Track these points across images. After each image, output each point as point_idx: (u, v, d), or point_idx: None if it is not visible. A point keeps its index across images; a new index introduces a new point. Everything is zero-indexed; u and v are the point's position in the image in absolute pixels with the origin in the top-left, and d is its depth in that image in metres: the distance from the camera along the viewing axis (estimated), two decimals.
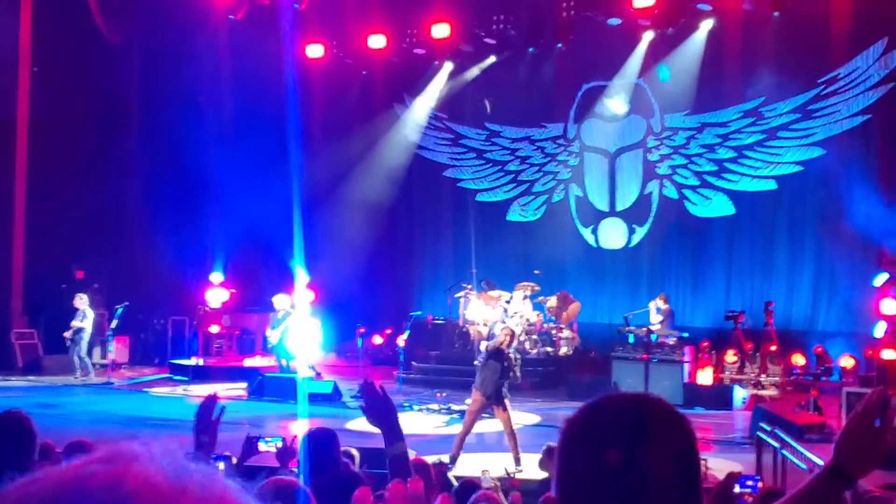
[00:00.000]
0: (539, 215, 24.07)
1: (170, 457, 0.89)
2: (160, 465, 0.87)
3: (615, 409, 1.53)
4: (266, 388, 17.88)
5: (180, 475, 0.87)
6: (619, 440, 1.46)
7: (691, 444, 1.52)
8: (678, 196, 22.24)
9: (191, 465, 0.89)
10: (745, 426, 14.22)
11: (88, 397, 17.90)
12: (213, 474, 0.90)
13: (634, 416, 1.50)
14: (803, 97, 20.40)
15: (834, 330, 19.45)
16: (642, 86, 22.38)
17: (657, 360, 17.26)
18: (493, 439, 14.13)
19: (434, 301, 23.40)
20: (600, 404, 1.55)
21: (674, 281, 21.93)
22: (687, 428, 1.53)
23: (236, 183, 22.76)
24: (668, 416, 1.52)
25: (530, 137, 24.17)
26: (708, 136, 21.83)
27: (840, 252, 19.69)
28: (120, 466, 0.85)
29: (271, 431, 13.38)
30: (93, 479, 0.84)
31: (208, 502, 0.86)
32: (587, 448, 1.49)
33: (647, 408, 1.53)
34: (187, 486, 0.86)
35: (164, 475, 0.86)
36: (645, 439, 1.47)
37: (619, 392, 1.59)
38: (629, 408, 1.53)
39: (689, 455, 1.50)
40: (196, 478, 0.87)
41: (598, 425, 1.51)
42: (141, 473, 0.85)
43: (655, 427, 1.49)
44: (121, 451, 0.89)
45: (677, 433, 1.51)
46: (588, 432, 1.51)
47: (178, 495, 0.84)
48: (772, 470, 9.74)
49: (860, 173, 19.51)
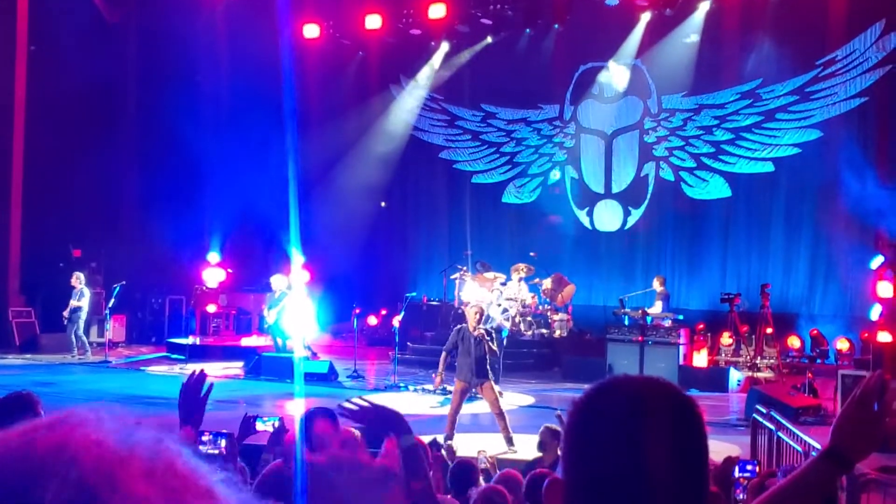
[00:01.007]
0: (534, 197, 24.05)
1: (117, 422, 0.88)
2: (107, 430, 0.86)
3: (623, 392, 1.52)
4: (263, 368, 17.90)
5: (127, 440, 0.85)
6: (626, 423, 1.46)
7: (699, 427, 1.51)
8: (674, 178, 22.24)
9: (139, 431, 0.88)
10: (741, 408, 14.26)
11: (85, 376, 17.90)
12: (162, 440, 0.88)
13: (642, 398, 1.49)
14: (801, 79, 20.37)
15: (830, 312, 19.49)
16: (640, 67, 22.34)
17: (652, 342, 17.28)
18: (488, 420, 14.17)
19: (429, 282, 23.41)
20: (608, 387, 1.54)
21: (669, 263, 21.94)
22: (695, 411, 1.52)
23: (233, 163, 22.74)
24: (677, 400, 1.52)
25: (526, 119, 24.13)
26: (705, 118, 21.81)
27: (837, 234, 19.70)
28: (65, 430, 0.84)
29: (268, 411, 13.40)
30: (37, 442, 0.83)
31: (156, 468, 0.84)
32: (594, 431, 1.49)
33: (656, 391, 1.52)
34: (134, 450, 0.85)
35: (111, 440, 0.84)
36: (653, 422, 1.46)
37: (626, 375, 1.59)
38: (637, 391, 1.52)
39: (697, 439, 1.50)
40: (144, 443, 0.86)
41: (605, 408, 1.50)
42: (86, 438, 0.84)
43: (664, 410, 1.48)
44: (67, 415, 0.87)
45: (685, 416, 1.50)
46: (595, 415, 1.50)
47: (124, 460, 0.83)
48: (766, 452, 9.78)
49: (857, 156, 19.50)
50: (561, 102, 23.66)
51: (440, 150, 25.18)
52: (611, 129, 23.07)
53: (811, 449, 8.29)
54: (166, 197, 22.01)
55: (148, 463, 0.84)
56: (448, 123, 25.11)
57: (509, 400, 15.74)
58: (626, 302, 18.65)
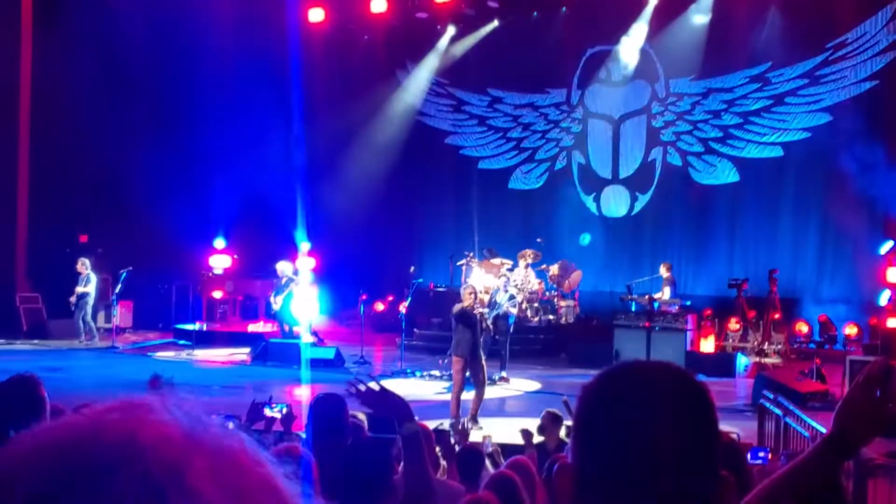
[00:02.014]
0: (541, 183, 23.99)
1: (185, 410, 0.88)
2: (175, 417, 0.86)
3: (634, 377, 1.51)
4: (269, 354, 17.93)
5: (195, 429, 0.86)
6: (636, 408, 1.45)
7: (710, 412, 1.50)
8: (682, 163, 22.16)
9: (206, 419, 0.88)
10: (748, 394, 14.22)
11: (93, 361, 17.93)
12: (228, 429, 0.89)
13: (653, 383, 1.48)
14: (811, 62, 20.26)
15: (838, 298, 19.40)
16: (647, 50, 22.23)
17: (659, 328, 17.25)
18: (495, 405, 14.18)
19: (436, 268, 23.36)
20: (618, 372, 1.53)
21: (677, 249, 21.86)
22: (707, 397, 1.51)
23: (239, 148, 22.72)
24: (687, 384, 1.51)
25: (533, 104, 24.05)
26: (713, 102, 21.71)
27: (846, 220, 19.61)
28: (135, 418, 0.84)
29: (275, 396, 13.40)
30: (107, 430, 0.83)
31: (223, 456, 0.85)
32: (604, 416, 1.48)
33: (666, 375, 1.51)
34: (202, 439, 0.85)
35: (179, 428, 0.85)
36: (663, 407, 1.45)
37: (636, 359, 1.57)
38: (648, 376, 1.51)
39: (707, 423, 1.49)
40: (211, 432, 0.87)
41: (616, 393, 1.49)
42: (155, 425, 0.84)
43: (675, 395, 1.48)
44: (135, 402, 0.87)
45: (696, 401, 1.49)
46: (605, 400, 1.49)
47: (192, 449, 0.83)
48: (774, 437, 9.76)
49: (867, 140, 19.38)
50: (568, 87, 23.57)
51: (446, 136, 25.11)
52: (618, 113, 22.98)
53: (818, 434, 8.26)
54: (173, 183, 21.99)
55: (214, 459, 0.84)
56: (454, 108, 25.03)
57: (515, 386, 15.74)
58: (633, 288, 18.62)
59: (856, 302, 18.99)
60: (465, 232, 23.10)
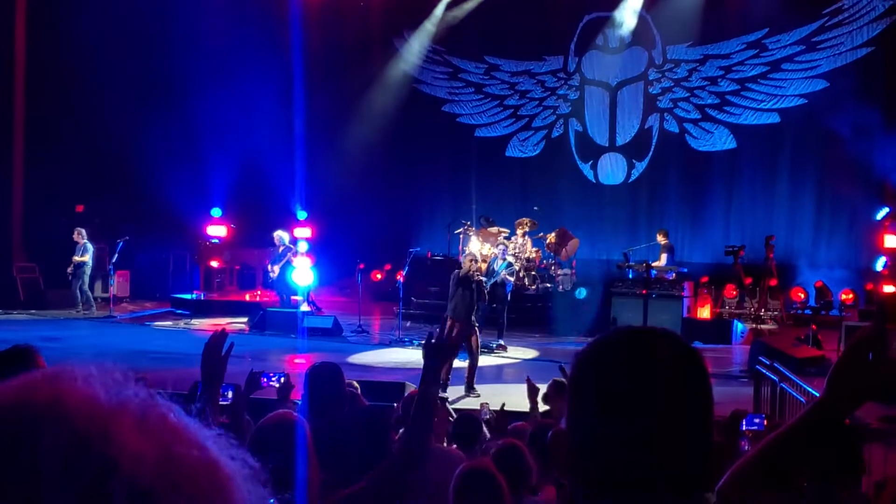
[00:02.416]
0: (538, 151, 23.95)
1: (110, 377, 0.91)
2: (99, 385, 0.89)
3: (626, 343, 1.52)
4: (268, 322, 17.96)
5: (120, 395, 0.88)
6: (629, 374, 1.46)
7: (703, 378, 1.51)
8: (679, 130, 22.12)
9: (130, 386, 0.91)
10: (744, 360, 14.30)
11: (91, 331, 17.96)
12: (153, 396, 0.92)
13: (645, 349, 1.49)
14: (807, 28, 20.20)
15: (834, 264, 19.46)
16: (645, 16, 22.13)
17: (656, 295, 17.29)
18: (493, 373, 14.23)
19: (433, 237, 23.35)
20: (611, 338, 1.54)
21: (673, 216, 21.87)
22: (699, 362, 1.52)
23: (236, 117, 22.63)
24: (680, 350, 1.52)
25: (530, 71, 23.96)
26: (710, 69, 21.65)
27: (842, 186, 19.64)
28: (59, 385, 0.87)
29: (273, 365, 13.47)
30: (32, 396, 0.85)
31: (148, 421, 0.87)
32: (597, 382, 1.49)
33: (659, 341, 1.52)
34: (127, 405, 0.87)
35: (104, 394, 0.87)
36: (656, 373, 1.46)
37: (629, 326, 1.58)
38: (640, 341, 1.52)
39: (700, 389, 1.50)
40: (136, 398, 0.89)
41: (608, 359, 1.50)
42: (79, 392, 0.86)
43: (667, 361, 1.48)
44: (61, 370, 0.90)
45: (689, 367, 1.50)
46: (598, 366, 1.50)
47: (117, 414, 0.86)
48: (770, 403, 9.81)
49: (864, 106, 19.37)
50: (565, 54, 23.48)
51: (443, 104, 25.02)
52: (615, 80, 22.91)
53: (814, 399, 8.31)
54: (170, 152, 21.94)
55: (140, 416, 0.87)
56: (451, 76, 24.93)
57: (513, 354, 15.80)
58: (630, 255, 18.64)
59: (852, 268, 19.05)
60: (463, 200, 23.08)
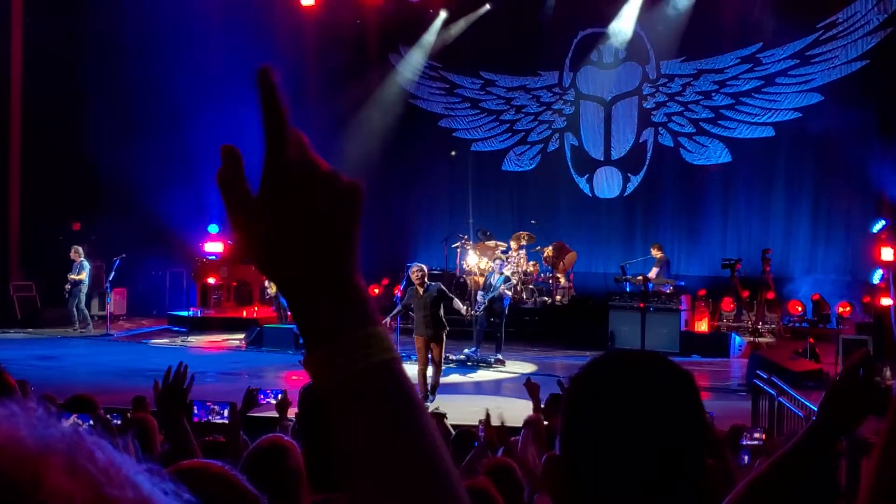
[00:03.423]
0: (534, 165, 24.00)
1: (33, 415, 0.86)
2: (24, 422, 0.84)
3: (620, 369, 1.53)
4: (264, 339, 17.94)
5: (46, 435, 0.83)
6: (623, 400, 1.46)
7: (696, 403, 1.51)
8: (673, 144, 22.17)
9: (56, 422, 0.86)
10: (742, 373, 14.29)
11: (87, 349, 17.93)
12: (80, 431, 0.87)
13: (639, 375, 1.50)
14: (802, 42, 20.26)
15: (831, 277, 19.46)
16: (639, 32, 22.21)
17: (654, 308, 17.30)
18: (491, 388, 14.22)
19: (430, 251, 23.36)
20: (605, 363, 1.54)
21: (669, 230, 21.89)
22: (693, 387, 1.52)
23: (231, 133, 22.61)
24: (673, 375, 1.52)
25: (525, 86, 24.03)
26: (704, 83, 21.71)
27: (838, 199, 19.68)
28: None
29: (270, 382, 13.46)
30: None
31: (77, 461, 0.83)
32: (590, 407, 1.49)
33: (653, 366, 1.52)
34: (54, 446, 0.82)
35: (30, 435, 0.82)
36: (649, 399, 1.47)
37: (623, 350, 1.59)
38: (633, 367, 1.53)
39: (693, 414, 1.50)
40: (62, 437, 0.84)
41: (602, 385, 1.50)
42: (4, 434, 0.82)
43: (660, 386, 1.49)
44: None
45: (682, 392, 1.50)
46: (593, 392, 1.51)
47: (45, 456, 0.81)
48: (768, 417, 9.80)
49: (859, 119, 19.41)
50: (560, 69, 23.55)
51: (439, 119, 25.07)
52: (610, 95, 22.97)
53: (812, 414, 8.30)
54: (166, 168, 21.96)
55: (68, 457, 0.82)
56: (447, 91, 24.98)
57: (512, 368, 15.78)
58: (627, 269, 18.65)
59: (849, 281, 19.05)
60: (460, 215, 23.08)
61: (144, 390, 9.18)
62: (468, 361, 15.95)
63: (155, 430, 5.26)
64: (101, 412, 5.75)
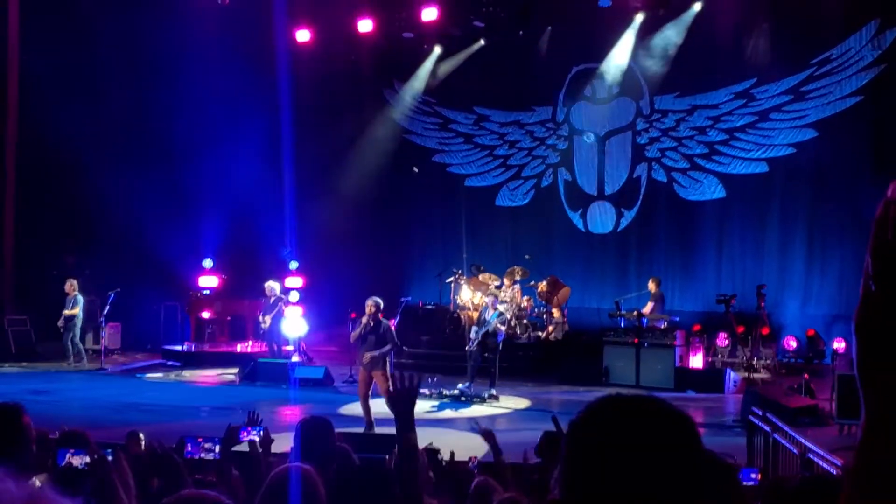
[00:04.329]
0: (528, 200, 24.05)
1: None
2: None
3: (620, 414, 1.53)
4: (258, 374, 17.89)
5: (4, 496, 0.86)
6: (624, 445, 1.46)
7: (695, 448, 1.51)
8: (667, 179, 22.23)
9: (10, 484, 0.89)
10: (737, 409, 14.23)
11: (81, 383, 17.84)
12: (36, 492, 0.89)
13: (637, 420, 1.50)
14: (795, 78, 20.36)
15: (826, 312, 19.44)
16: (632, 67, 22.33)
17: (648, 344, 17.30)
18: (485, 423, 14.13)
19: (424, 286, 23.37)
20: (604, 408, 1.55)
21: (663, 265, 21.88)
22: (692, 431, 1.52)
23: (226, 168, 22.71)
24: (672, 421, 1.52)
25: (519, 121, 24.13)
26: (698, 119, 21.80)
27: (832, 234, 19.70)
28: None
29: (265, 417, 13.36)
30: None
31: None
32: (589, 452, 1.49)
33: (650, 412, 1.53)
34: None
35: None
36: (648, 444, 1.47)
37: (621, 394, 1.58)
38: (634, 411, 1.53)
39: (692, 459, 1.50)
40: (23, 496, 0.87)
41: (602, 430, 1.50)
42: None
43: (659, 432, 1.49)
44: None
45: (681, 437, 1.50)
46: (592, 437, 1.50)
47: None
48: (762, 454, 9.75)
49: (853, 155, 19.51)
50: (554, 104, 23.66)
51: (433, 154, 25.16)
52: (603, 130, 23.06)
53: (807, 451, 8.27)
54: (160, 203, 21.99)
55: None
56: (441, 126, 25.09)
57: (505, 403, 15.73)
58: (622, 304, 18.66)
59: (844, 316, 19.03)
60: (453, 249, 23.10)
61: (138, 425, 9.16)
62: (462, 397, 15.90)
63: (147, 468, 5.22)
64: (94, 447, 5.71)
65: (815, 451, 8.09)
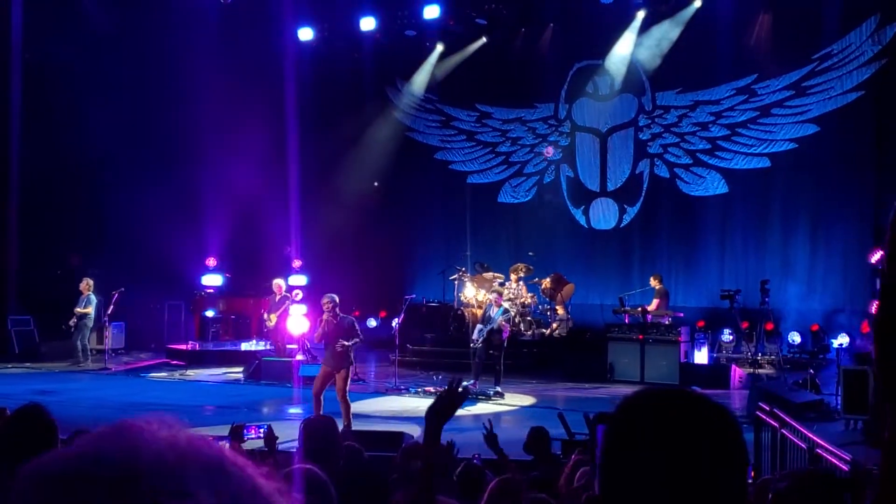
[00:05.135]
0: (530, 196, 24.05)
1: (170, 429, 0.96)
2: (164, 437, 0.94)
3: (659, 408, 1.50)
4: (263, 372, 17.88)
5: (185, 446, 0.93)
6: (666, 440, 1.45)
7: (739, 440, 1.49)
8: (669, 175, 22.22)
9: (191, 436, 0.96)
10: (743, 405, 14.22)
11: (85, 383, 17.83)
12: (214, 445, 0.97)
13: (680, 414, 1.48)
14: (797, 73, 20.35)
15: (830, 307, 19.44)
16: (634, 64, 22.32)
17: (652, 340, 17.29)
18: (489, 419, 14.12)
19: (427, 284, 23.37)
20: (642, 403, 1.52)
21: (666, 261, 21.87)
22: (733, 423, 1.50)
23: (230, 167, 22.70)
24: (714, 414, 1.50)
25: (521, 118, 24.12)
26: (700, 114, 21.79)
27: (835, 229, 19.70)
28: (130, 441, 0.92)
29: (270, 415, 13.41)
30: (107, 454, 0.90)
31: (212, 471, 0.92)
32: (629, 449, 1.47)
33: (692, 405, 1.50)
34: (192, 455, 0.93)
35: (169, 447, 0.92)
36: (692, 438, 1.45)
37: (657, 389, 1.57)
38: (674, 406, 1.51)
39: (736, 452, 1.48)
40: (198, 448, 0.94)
41: (642, 426, 1.48)
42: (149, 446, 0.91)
43: (702, 425, 1.47)
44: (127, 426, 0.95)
45: (724, 430, 1.48)
46: (633, 433, 1.49)
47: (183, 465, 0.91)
48: (770, 450, 9.74)
49: (855, 149, 19.50)
50: (556, 101, 23.64)
51: (436, 151, 25.16)
52: (605, 126, 23.05)
53: (815, 446, 8.26)
54: (164, 202, 21.97)
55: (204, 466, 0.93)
56: (443, 124, 25.09)
57: (511, 401, 15.72)
58: (626, 300, 18.64)
59: (847, 311, 19.03)
60: (457, 247, 23.11)
61: None
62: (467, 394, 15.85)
63: None
64: None
65: (823, 446, 8.08)
